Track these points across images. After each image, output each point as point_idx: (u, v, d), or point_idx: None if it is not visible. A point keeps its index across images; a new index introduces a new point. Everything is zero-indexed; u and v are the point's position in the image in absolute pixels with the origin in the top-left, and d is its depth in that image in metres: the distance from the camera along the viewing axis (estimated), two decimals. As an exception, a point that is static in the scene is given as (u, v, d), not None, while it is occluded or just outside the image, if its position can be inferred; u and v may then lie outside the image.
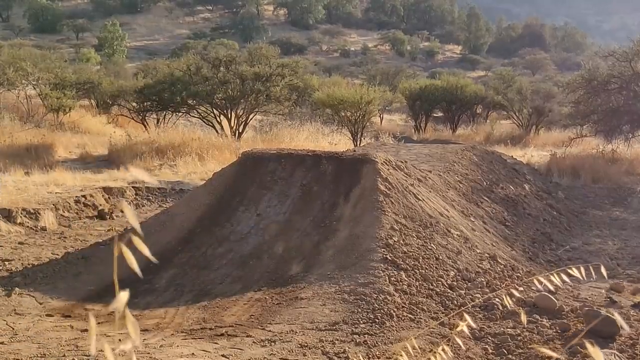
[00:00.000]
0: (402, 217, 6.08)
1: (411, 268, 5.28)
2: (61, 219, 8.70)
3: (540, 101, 23.41)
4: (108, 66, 33.56)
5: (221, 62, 17.49)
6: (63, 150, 15.03)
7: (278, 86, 16.99)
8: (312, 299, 4.85)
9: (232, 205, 6.78)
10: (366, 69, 45.18)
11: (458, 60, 71.84)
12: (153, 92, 17.31)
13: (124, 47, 54.58)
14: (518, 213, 8.86)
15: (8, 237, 7.59)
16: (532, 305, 4.78)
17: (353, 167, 6.76)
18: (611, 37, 75.79)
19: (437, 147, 11.76)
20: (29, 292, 5.54)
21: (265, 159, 7.23)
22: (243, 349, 4.08)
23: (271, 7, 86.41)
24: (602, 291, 5.43)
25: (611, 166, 14.12)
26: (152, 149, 14.06)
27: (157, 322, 4.79)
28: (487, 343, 4.22)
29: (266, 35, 69.58)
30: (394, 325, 4.40)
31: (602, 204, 11.42)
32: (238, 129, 17.00)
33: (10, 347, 4.21)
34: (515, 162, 12.80)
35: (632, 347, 4.03)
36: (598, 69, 16.47)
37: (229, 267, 5.84)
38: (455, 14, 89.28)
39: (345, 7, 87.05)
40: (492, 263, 5.95)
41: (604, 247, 8.18)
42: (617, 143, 16.34)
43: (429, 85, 25.79)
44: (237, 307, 4.97)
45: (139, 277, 4.37)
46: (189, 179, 11.61)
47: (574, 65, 48.61)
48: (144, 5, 79.52)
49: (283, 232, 6.23)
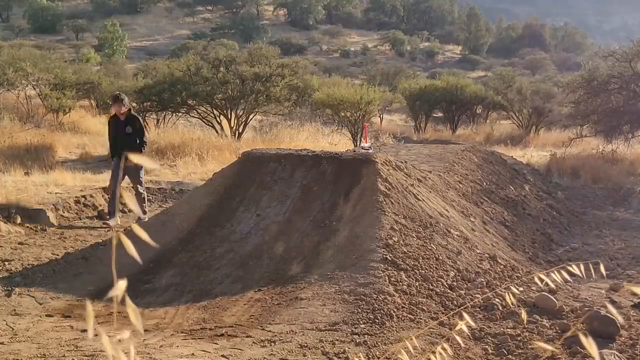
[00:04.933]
0: (402, 217, 6.09)
1: (411, 268, 5.28)
2: (61, 219, 8.70)
3: (540, 101, 23.41)
4: (108, 66, 33.57)
5: (221, 62, 17.48)
6: (63, 150, 15.03)
7: (278, 86, 16.99)
8: (312, 299, 4.85)
9: (232, 206, 6.78)
10: (366, 69, 45.23)
11: (458, 60, 71.91)
12: (153, 92, 17.31)
13: (124, 48, 54.62)
14: (518, 213, 8.86)
15: (8, 237, 7.59)
16: (532, 305, 4.79)
17: (353, 167, 6.76)
18: (611, 37, 75.77)
19: (437, 148, 11.77)
20: (29, 292, 5.53)
21: (265, 159, 7.23)
22: (243, 349, 4.08)
23: (271, 7, 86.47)
24: (602, 291, 5.43)
25: (611, 166, 14.12)
26: (151, 149, 14.06)
27: (157, 322, 4.79)
28: (487, 343, 4.22)
29: (266, 35, 69.64)
30: (394, 326, 4.40)
31: (602, 204, 11.42)
32: (238, 129, 17.00)
33: (10, 348, 4.21)
34: (515, 162, 12.80)
35: (632, 347, 4.03)
36: (598, 69, 16.47)
37: (229, 267, 5.84)
38: (455, 14, 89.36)
39: (345, 8, 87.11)
40: (492, 263, 5.95)
41: (604, 247, 8.18)
42: (617, 143, 16.34)
43: (429, 86, 25.79)
44: (237, 308, 4.97)
45: (139, 277, 4.42)
46: (189, 179, 11.61)
47: (574, 65, 48.65)
48: (144, 5, 79.55)
49: (283, 232, 6.23)
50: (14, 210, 8.22)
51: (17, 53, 21.07)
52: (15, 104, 18.69)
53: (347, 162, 6.86)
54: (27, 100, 18.81)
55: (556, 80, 30.22)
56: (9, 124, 16.19)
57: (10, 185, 9.62)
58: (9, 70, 17.57)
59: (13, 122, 16.70)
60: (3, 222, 7.91)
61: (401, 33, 76.01)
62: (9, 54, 20.75)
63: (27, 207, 8.43)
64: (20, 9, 69.23)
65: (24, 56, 19.72)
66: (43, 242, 7.55)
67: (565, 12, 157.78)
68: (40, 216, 8.36)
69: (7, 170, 11.30)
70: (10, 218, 8.10)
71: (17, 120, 17.22)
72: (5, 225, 7.87)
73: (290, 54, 53.19)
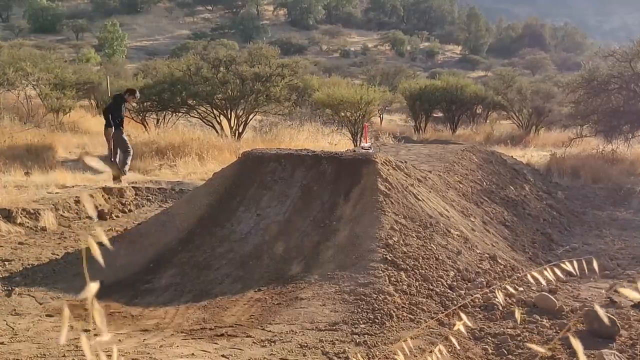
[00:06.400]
0: (402, 217, 6.09)
1: (411, 268, 5.28)
2: (61, 219, 8.70)
3: (540, 101, 23.41)
4: (108, 66, 33.58)
5: (221, 62, 17.49)
6: (63, 150, 15.03)
7: (278, 86, 16.99)
8: (312, 299, 4.85)
9: (232, 205, 6.78)
10: (366, 69, 45.23)
11: (458, 60, 71.93)
12: (153, 92, 17.32)
13: (124, 47, 54.63)
14: (518, 213, 8.86)
15: (8, 237, 7.59)
16: (532, 305, 4.79)
17: (353, 167, 6.76)
18: (611, 37, 75.83)
19: (437, 147, 11.77)
20: (29, 292, 5.53)
21: (265, 159, 7.23)
22: (243, 349, 4.09)
23: (271, 7, 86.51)
24: (602, 291, 5.43)
25: (611, 166, 14.12)
26: (152, 149, 14.07)
27: (157, 322, 4.79)
28: (487, 343, 4.22)
29: (266, 35, 69.67)
30: (394, 326, 4.40)
31: (602, 204, 11.41)
32: (238, 129, 17.01)
33: (10, 347, 4.21)
34: (515, 162, 12.79)
35: (632, 347, 4.03)
36: (598, 69, 16.47)
37: (229, 267, 5.83)
38: (455, 14, 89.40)
39: (345, 7, 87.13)
40: (492, 263, 5.95)
41: (604, 247, 8.18)
42: (617, 143, 16.34)
43: (429, 86, 25.79)
44: (237, 307, 4.97)
45: (139, 277, 4.42)
46: (189, 179, 11.61)
47: (574, 65, 48.66)
48: (144, 5, 79.58)
49: (283, 232, 6.23)
50: (14, 210, 8.22)
51: (17, 53, 21.09)
52: (15, 103, 18.70)
53: (347, 162, 6.86)
54: (27, 100, 18.82)
55: (556, 80, 30.24)
56: (9, 124, 16.20)
57: (11, 185, 9.62)
58: (9, 70, 17.59)
59: (13, 122, 16.70)
60: (3, 222, 7.91)
61: (401, 33, 76.03)
62: (9, 53, 20.77)
63: (27, 207, 8.43)
64: (20, 9, 69.27)
65: (24, 56, 19.74)
66: (43, 242, 7.55)
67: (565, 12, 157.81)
68: (40, 216, 8.36)
69: (8, 170, 11.30)
70: (10, 218, 8.10)
71: (18, 120, 17.23)
72: (5, 225, 7.87)
73: (290, 54, 53.21)
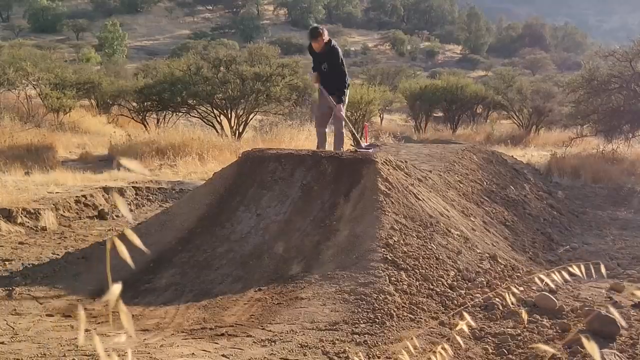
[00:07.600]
0: (402, 217, 6.08)
1: (411, 268, 5.28)
2: (61, 219, 8.70)
3: (541, 101, 23.41)
4: (108, 66, 33.58)
5: (221, 62, 17.48)
6: (63, 150, 15.04)
7: (278, 86, 16.98)
8: (312, 299, 4.85)
9: (232, 205, 6.78)
10: (366, 68, 45.17)
11: (458, 60, 71.88)
12: (153, 92, 17.32)
13: (124, 47, 54.62)
14: (518, 213, 8.85)
15: (8, 237, 7.59)
16: (532, 305, 4.78)
17: (353, 167, 6.76)
18: (611, 37, 75.74)
19: (437, 147, 11.76)
20: (29, 292, 5.53)
21: (265, 159, 7.22)
22: (243, 348, 4.08)
23: (271, 7, 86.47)
24: (602, 291, 5.43)
25: (612, 166, 14.12)
26: (152, 149, 14.07)
27: (157, 322, 4.79)
28: (488, 343, 4.22)
29: (266, 35, 69.63)
30: (394, 325, 4.40)
31: (602, 204, 11.41)
32: (238, 129, 17.00)
33: (11, 347, 4.21)
34: (516, 162, 12.80)
35: (632, 347, 4.03)
36: (598, 69, 16.47)
37: (229, 267, 5.83)
38: (456, 13, 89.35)
39: (345, 7, 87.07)
40: (493, 263, 5.95)
41: (605, 247, 8.18)
42: (617, 143, 16.34)
43: (429, 85, 25.80)
44: (237, 307, 4.97)
45: (139, 277, 4.41)
46: (189, 179, 11.61)
47: (574, 65, 48.67)
48: (144, 5, 79.54)
49: (283, 232, 6.22)
50: (15, 210, 8.22)
51: (17, 53, 21.09)
52: (15, 103, 18.70)
53: (347, 162, 6.86)
54: (27, 100, 18.82)
55: (556, 80, 30.25)
56: (9, 124, 16.20)
57: (11, 185, 9.62)
58: (10, 70, 17.58)
59: (13, 121, 16.71)
60: (3, 222, 7.91)
61: (401, 33, 76.00)
62: (9, 53, 20.79)
63: (28, 206, 8.43)
64: (20, 8, 69.26)
65: (24, 56, 19.75)
66: (43, 242, 7.55)
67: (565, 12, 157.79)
68: (40, 216, 8.36)
69: (8, 170, 11.30)
70: (10, 218, 8.10)
71: (18, 120, 17.23)
72: (5, 225, 7.87)
73: (291, 53, 53.14)
